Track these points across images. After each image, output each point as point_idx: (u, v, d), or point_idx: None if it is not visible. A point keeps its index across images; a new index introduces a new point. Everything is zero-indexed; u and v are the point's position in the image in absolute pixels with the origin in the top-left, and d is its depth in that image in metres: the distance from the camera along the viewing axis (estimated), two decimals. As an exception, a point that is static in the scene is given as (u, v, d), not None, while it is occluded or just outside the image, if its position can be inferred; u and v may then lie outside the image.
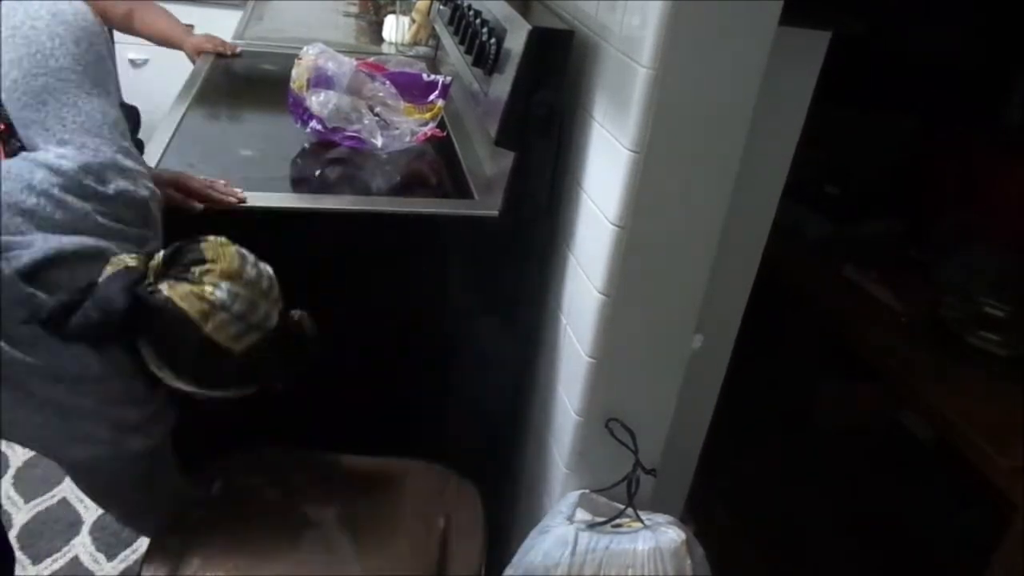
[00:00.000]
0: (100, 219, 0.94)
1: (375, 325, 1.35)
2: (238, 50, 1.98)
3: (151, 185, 1.02)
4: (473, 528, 1.18)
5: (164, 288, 0.90)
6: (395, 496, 1.21)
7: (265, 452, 1.25)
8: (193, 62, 1.90)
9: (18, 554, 1.71)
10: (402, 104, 1.54)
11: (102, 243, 0.93)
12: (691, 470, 1.49)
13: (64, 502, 1.89)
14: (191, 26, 1.97)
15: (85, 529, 1.84)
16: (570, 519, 1.22)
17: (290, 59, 1.51)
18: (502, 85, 1.25)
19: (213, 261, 0.93)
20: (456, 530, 1.16)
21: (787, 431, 2.34)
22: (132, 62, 2.94)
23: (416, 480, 1.24)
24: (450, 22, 1.65)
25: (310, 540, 1.10)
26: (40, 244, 0.90)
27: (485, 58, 1.32)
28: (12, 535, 1.76)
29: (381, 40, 2.35)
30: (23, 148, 0.98)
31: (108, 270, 0.90)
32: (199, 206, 1.18)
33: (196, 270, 0.92)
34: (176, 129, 1.47)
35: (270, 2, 2.65)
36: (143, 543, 1.82)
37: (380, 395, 1.41)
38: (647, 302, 1.16)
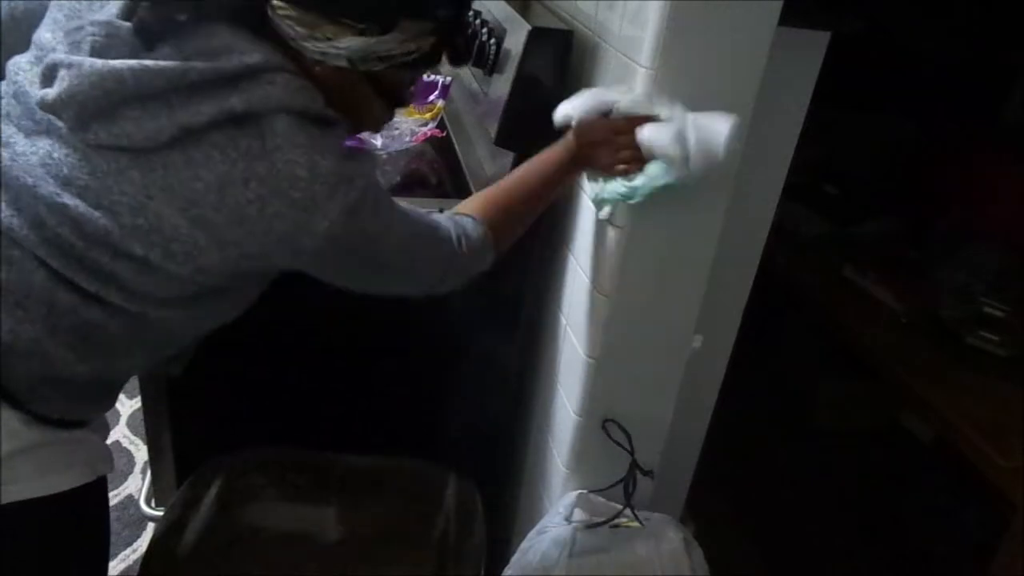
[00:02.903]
0: None
1: (374, 325, 1.35)
2: None
3: None
4: (473, 528, 1.18)
5: None
6: (395, 496, 1.21)
7: (265, 452, 1.25)
8: None
9: (18, 554, 1.71)
10: (402, 104, 1.54)
11: None
12: (691, 470, 1.49)
13: (64, 502, 1.89)
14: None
15: (85, 529, 1.83)
16: (568, 520, 1.22)
17: (290, 59, 1.51)
18: (502, 85, 1.24)
19: None
20: (456, 530, 1.16)
21: (787, 431, 2.34)
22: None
23: (416, 480, 1.24)
24: (450, 22, 1.65)
25: (310, 540, 1.10)
26: None
27: (485, 58, 1.32)
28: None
29: (381, 40, 2.34)
30: None
31: None
32: None
33: None
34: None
35: (270, 2, 2.65)
36: (143, 543, 1.82)
37: (379, 395, 1.41)
38: (647, 302, 1.16)
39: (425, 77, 1.64)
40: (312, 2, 0.83)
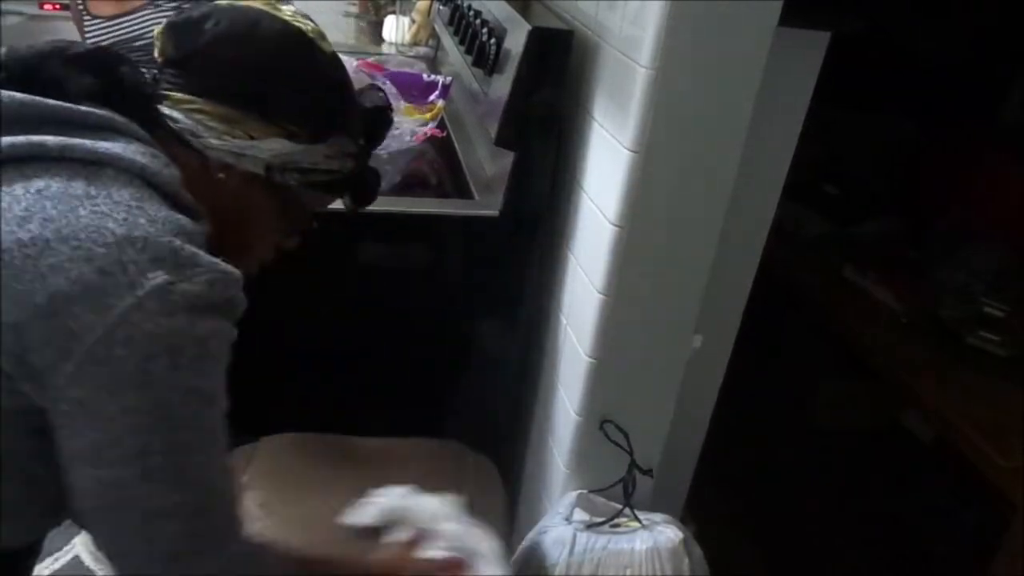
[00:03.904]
0: None
1: (374, 325, 1.35)
2: None
3: None
4: (495, 501, 1.18)
5: None
6: (417, 473, 1.20)
7: (288, 438, 1.27)
8: None
9: (18, 554, 1.71)
10: (402, 104, 1.54)
11: None
12: (691, 470, 1.49)
13: (64, 502, 1.89)
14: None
15: (85, 529, 1.83)
16: (568, 519, 1.22)
17: (290, 59, 1.51)
18: (502, 85, 1.25)
19: None
20: (479, 502, 1.15)
21: (787, 431, 2.34)
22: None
23: (435, 457, 1.26)
24: (450, 22, 1.65)
25: (333, 520, 1.10)
26: None
27: (485, 58, 1.32)
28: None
29: (381, 40, 2.35)
30: None
31: None
32: None
33: None
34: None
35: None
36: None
37: (378, 395, 1.41)
38: (647, 302, 1.16)
39: (425, 77, 1.64)
40: (241, 94, 0.73)
